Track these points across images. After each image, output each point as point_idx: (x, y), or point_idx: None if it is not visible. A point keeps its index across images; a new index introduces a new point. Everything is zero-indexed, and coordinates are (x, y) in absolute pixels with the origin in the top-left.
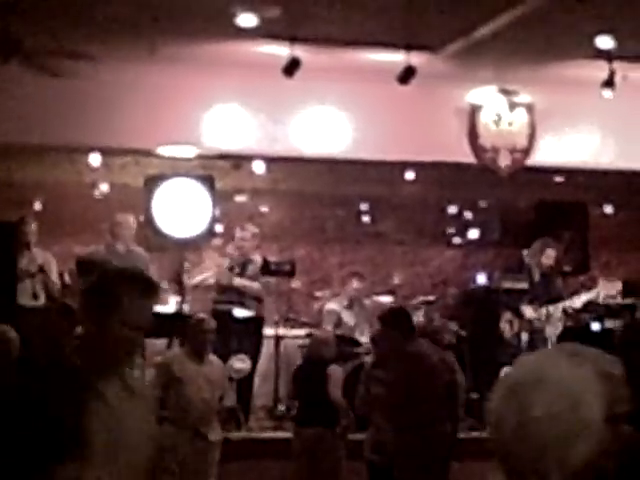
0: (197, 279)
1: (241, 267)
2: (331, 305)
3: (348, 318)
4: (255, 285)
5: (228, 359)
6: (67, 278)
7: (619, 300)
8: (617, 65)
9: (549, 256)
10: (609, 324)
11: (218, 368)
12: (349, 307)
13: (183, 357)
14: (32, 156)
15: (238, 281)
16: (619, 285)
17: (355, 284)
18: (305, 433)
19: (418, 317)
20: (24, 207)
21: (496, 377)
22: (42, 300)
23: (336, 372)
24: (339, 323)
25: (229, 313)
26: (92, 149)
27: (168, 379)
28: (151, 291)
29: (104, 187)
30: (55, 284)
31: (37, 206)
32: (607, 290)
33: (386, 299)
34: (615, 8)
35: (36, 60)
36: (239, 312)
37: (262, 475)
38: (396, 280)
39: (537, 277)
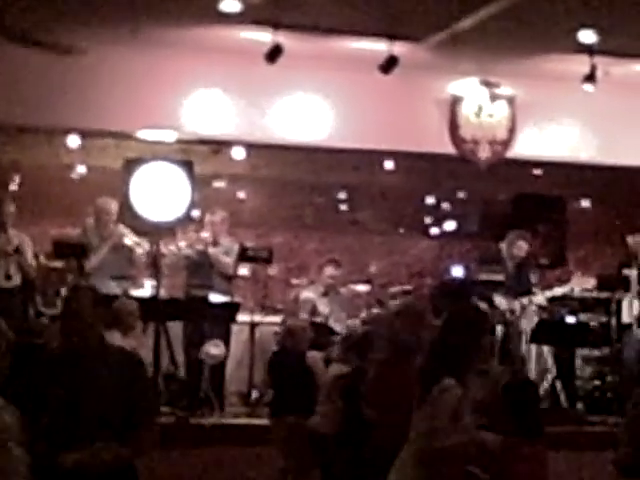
0: (171, 248)
1: (213, 246)
2: (306, 293)
3: (323, 306)
4: (227, 259)
5: (202, 344)
6: (42, 259)
7: (594, 294)
8: (599, 60)
9: (520, 248)
10: (584, 317)
11: None
12: (324, 295)
13: None
14: (10, 136)
15: (212, 250)
16: (592, 281)
17: (331, 271)
18: (281, 422)
19: None
20: (1, 188)
21: None
22: (16, 281)
23: (315, 358)
24: (314, 311)
25: (204, 298)
26: (71, 131)
27: None
28: None
29: (82, 169)
30: (30, 265)
31: (13, 187)
32: (580, 285)
33: (362, 288)
34: (598, 3)
35: (16, 41)
36: (214, 297)
37: (235, 461)
38: (373, 269)
39: (510, 269)
